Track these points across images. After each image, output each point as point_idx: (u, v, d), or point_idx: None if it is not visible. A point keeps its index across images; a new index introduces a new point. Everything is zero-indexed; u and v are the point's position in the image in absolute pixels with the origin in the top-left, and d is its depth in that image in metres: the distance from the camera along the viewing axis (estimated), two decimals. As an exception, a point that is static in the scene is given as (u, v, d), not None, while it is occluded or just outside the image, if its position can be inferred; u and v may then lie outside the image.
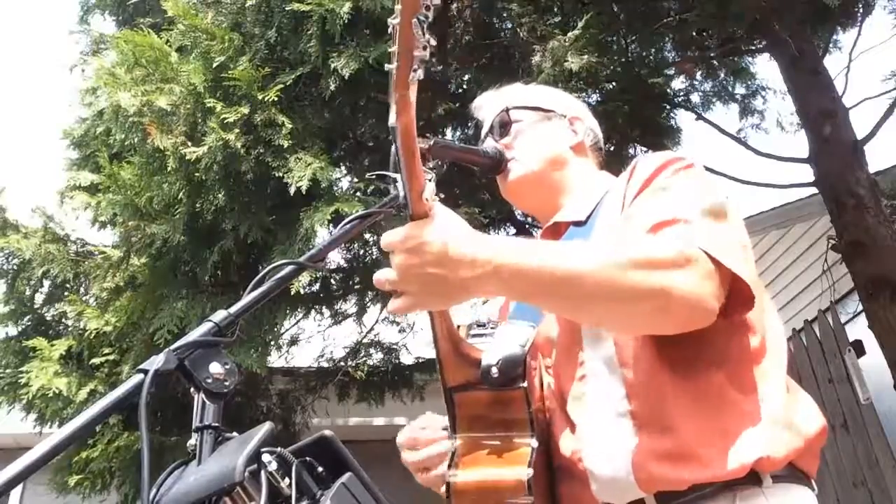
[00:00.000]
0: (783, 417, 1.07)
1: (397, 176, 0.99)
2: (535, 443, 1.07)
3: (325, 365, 5.68)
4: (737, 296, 1.03)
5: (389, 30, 0.79)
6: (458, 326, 1.21)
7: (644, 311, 0.99)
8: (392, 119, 0.86)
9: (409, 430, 1.27)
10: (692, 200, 1.08)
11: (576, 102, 1.54)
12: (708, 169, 5.35)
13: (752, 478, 1.02)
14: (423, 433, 1.24)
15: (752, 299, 1.03)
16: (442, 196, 1.01)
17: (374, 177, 1.11)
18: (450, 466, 1.08)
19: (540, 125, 1.43)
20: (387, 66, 0.81)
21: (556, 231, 1.33)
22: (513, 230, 4.98)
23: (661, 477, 1.03)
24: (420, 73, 0.81)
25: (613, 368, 1.11)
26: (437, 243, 0.92)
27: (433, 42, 0.79)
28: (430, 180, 0.95)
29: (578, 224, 1.29)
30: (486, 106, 1.49)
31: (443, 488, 1.16)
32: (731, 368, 1.08)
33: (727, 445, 1.01)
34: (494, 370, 1.09)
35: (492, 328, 1.19)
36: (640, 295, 0.96)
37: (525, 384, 1.09)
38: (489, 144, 1.42)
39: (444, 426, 1.21)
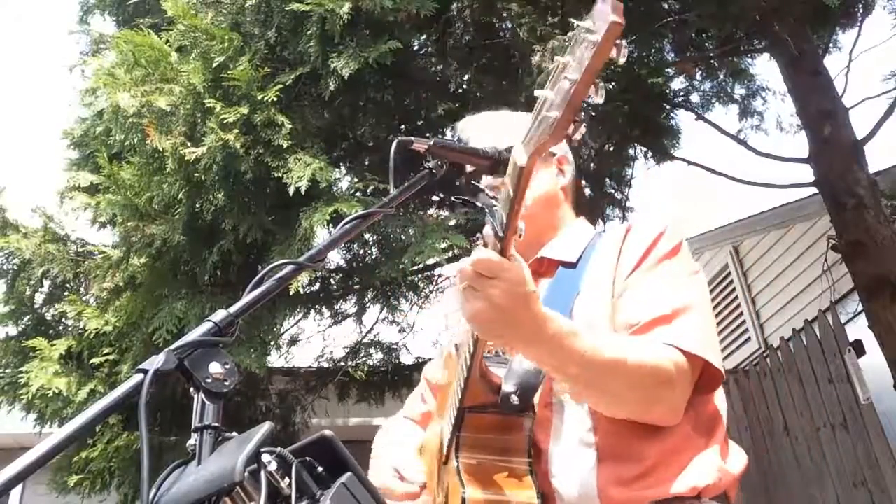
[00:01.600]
0: (721, 458, 1.22)
1: (489, 207, 1.05)
2: (531, 468, 1.15)
3: (325, 365, 5.69)
4: (710, 376, 1.19)
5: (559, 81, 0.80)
6: (458, 347, 1.27)
7: (636, 410, 1.14)
8: (522, 159, 0.89)
9: (382, 470, 1.32)
10: (681, 292, 1.21)
11: (562, 144, 1.56)
12: (708, 169, 5.36)
13: (696, 499, 1.15)
14: (399, 486, 1.28)
15: (721, 379, 1.20)
16: (442, 196, 1.02)
17: (461, 203, 1.16)
18: (460, 483, 1.13)
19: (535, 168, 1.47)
20: (544, 112, 0.83)
21: (542, 265, 1.38)
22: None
23: (623, 498, 1.13)
24: (580, 132, 0.86)
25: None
26: (530, 288, 0.98)
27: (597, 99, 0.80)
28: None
29: (568, 265, 1.34)
30: (489, 130, 1.49)
31: None
32: (693, 416, 1.21)
33: (684, 474, 1.15)
34: (514, 398, 1.16)
35: (490, 355, 1.24)
36: (638, 400, 1.12)
37: (534, 413, 1.18)
38: (489, 146, 1.42)
39: (421, 482, 1.28)
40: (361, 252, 4.78)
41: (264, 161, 3.43)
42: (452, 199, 1.23)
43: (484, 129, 1.47)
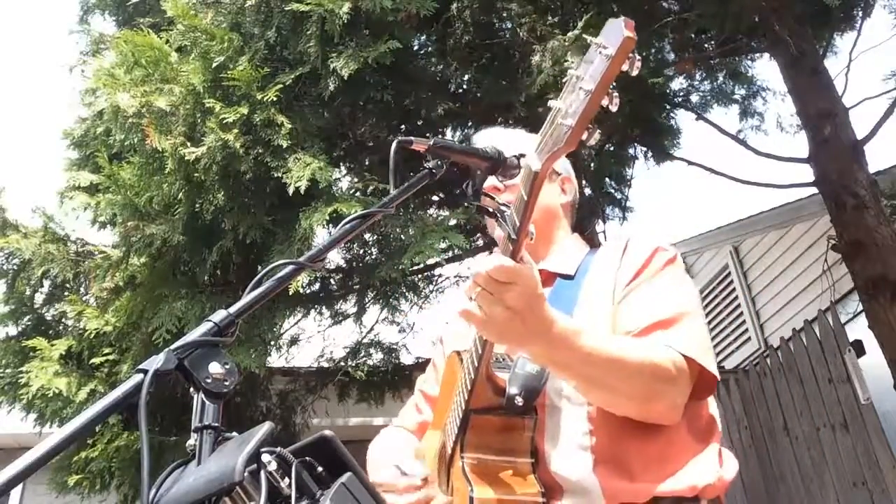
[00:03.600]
0: (717, 462, 1.25)
1: (501, 212, 1.11)
2: (534, 468, 1.19)
3: (325, 365, 5.68)
4: (704, 382, 1.23)
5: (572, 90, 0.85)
6: (459, 353, 1.30)
7: (638, 406, 1.18)
8: (536, 165, 0.95)
9: (384, 468, 1.32)
10: (678, 300, 1.27)
11: (567, 163, 1.61)
12: (708, 169, 5.36)
13: (694, 500, 1.18)
14: (403, 480, 1.28)
15: (716, 385, 1.26)
16: (442, 196, 1.03)
17: (472, 206, 1.20)
18: (467, 483, 1.15)
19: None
20: (560, 120, 0.87)
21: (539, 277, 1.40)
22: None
23: (624, 491, 1.17)
24: (594, 138, 0.90)
25: (579, 403, 1.23)
26: (538, 289, 1.02)
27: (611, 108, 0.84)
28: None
29: (566, 277, 1.39)
30: (498, 140, 1.52)
31: None
32: (689, 420, 1.25)
33: (683, 473, 1.19)
34: (519, 399, 1.19)
35: (498, 360, 1.27)
36: (640, 396, 1.15)
37: (537, 414, 1.22)
38: (489, 147, 1.42)
39: (424, 476, 1.28)
40: (361, 252, 4.78)
41: (264, 161, 3.43)
42: (468, 203, 1.27)
43: (497, 140, 1.50)
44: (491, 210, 1.18)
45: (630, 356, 1.12)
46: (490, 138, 1.49)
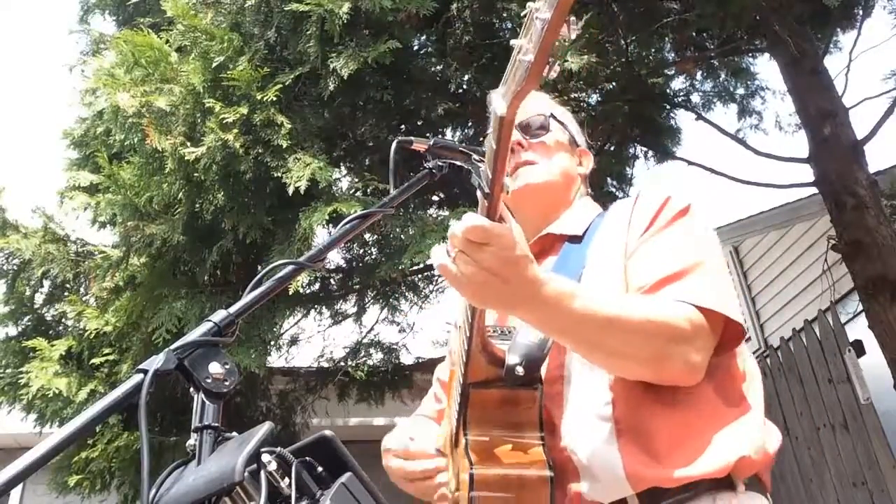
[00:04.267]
0: (760, 430, 1.15)
1: (473, 167, 1.03)
2: (543, 442, 1.10)
3: (325, 365, 5.68)
4: (730, 333, 1.14)
5: (531, 23, 0.77)
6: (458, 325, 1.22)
7: (647, 369, 1.10)
8: (502, 109, 0.85)
9: (399, 437, 1.29)
10: (691, 250, 1.18)
11: (583, 137, 1.58)
12: (708, 169, 5.36)
13: (729, 482, 1.09)
14: (415, 445, 1.25)
15: (743, 335, 1.15)
16: (442, 196, 1.01)
17: (444, 165, 1.12)
18: (467, 460, 1.09)
19: (563, 148, 1.47)
20: (518, 57, 0.81)
21: (547, 242, 1.37)
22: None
23: (650, 476, 1.07)
24: (554, 72, 0.83)
25: (599, 374, 1.16)
26: (522, 251, 0.96)
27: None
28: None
29: (574, 240, 1.33)
30: (533, 98, 1.49)
31: (440, 491, 1.19)
32: (720, 384, 1.16)
33: (712, 447, 1.08)
34: (520, 369, 1.12)
35: (496, 332, 1.21)
36: (648, 358, 1.07)
37: (541, 385, 1.14)
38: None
39: (437, 447, 1.24)
40: (361, 252, 4.78)
41: (264, 161, 3.43)
42: (437, 162, 1.20)
43: (538, 104, 1.48)
44: (466, 167, 1.11)
45: (632, 315, 1.04)
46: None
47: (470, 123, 4.66)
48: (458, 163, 1.25)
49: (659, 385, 1.12)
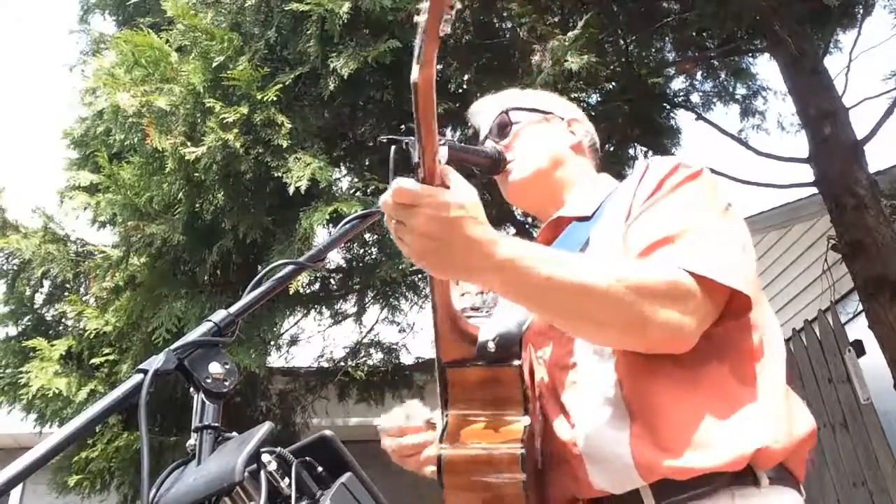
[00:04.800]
0: (782, 413, 1.07)
1: (410, 139, 0.99)
2: (526, 420, 1.06)
3: (325, 365, 5.68)
4: (736, 303, 1.06)
5: None
6: None
7: (626, 335, 1.03)
8: (414, 73, 0.85)
9: (393, 417, 1.29)
10: (694, 213, 1.10)
11: (573, 106, 1.54)
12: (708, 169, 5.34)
13: (750, 476, 1.02)
14: (407, 422, 1.25)
15: (749, 307, 1.07)
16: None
17: (385, 140, 1.10)
18: (441, 441, 1.07)
19: (538, 126, 1.43)
20: (416, 19, 0.81)
21: (559, 225, 1.34)
22: (512, 230, 4.98)
23: (661, 468, 1.02)
24: (448, 28, 0.81)
25: (606, 356, 1.12)
26: (456, 212, 0.91)
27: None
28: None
29: (583, 219, 1.29)
30: (484, 110, 1.49)
31: (430, 468, 1.17)
32: (733, 362, 1.09)
33: (726, 436, 1.01)
34: (491, 344, 1.08)
35: (486, 312, 1.18)
36: (624, 322, 1.00)
37: (519, 363, 1.09)
38: (489, 145, 1.43)
39: (428, 419, 1.23)
40: (361, 252, 4.78)
41: (264, 161, 3.43)
42: (382, 138, 1.18)
43: (483, 116, 1.48)
44: (406, 141, 1.08)
45: (602, 278, 0.97)
46: (485, 107, 1.46)
47: (470, 123, 4.65)
48: (461, 162, 1.26)
49: (664, 363, 1.06)
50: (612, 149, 5.14)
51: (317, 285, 4.67)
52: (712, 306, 1.04)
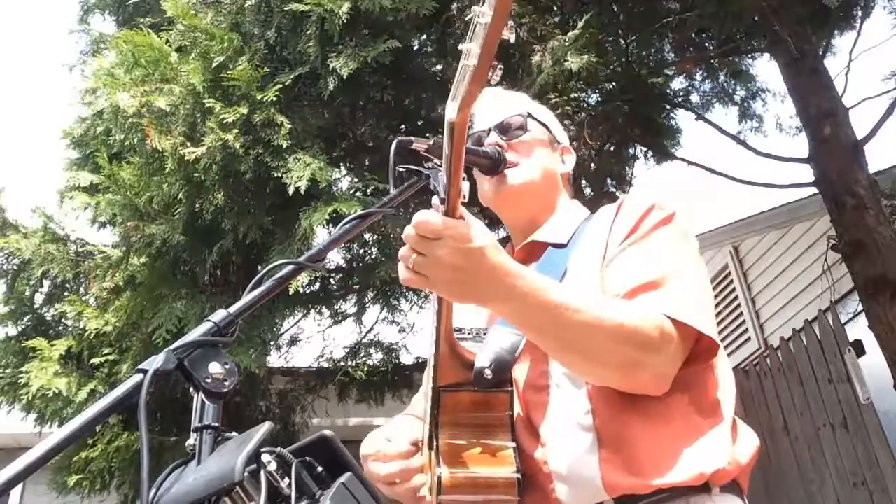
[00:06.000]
0: (735, 438, 1.18)
1: (432, 172, 1.04)
2: (513, 444, 1.12)
3: (325, 365, 5.68)
4: (704, 347, 1.14)
5: (475, 28, 0.78)
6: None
7: (615, 375, 1.10)
8: (452, 114, 0.87)
9: (374, 441, 1.28)
10: (670, 259, 1.17)
11: (565, 135, 1.56)
12: (708, 169, 5.36)
13: (704, 487, 1.11)
14: (390, 447, 1.24)
15: (717, 349, 1.16)
16: (443, 196, 1.00)
17: (405, 171, 1.13)
18: (438, 463, 1.10)
19: (544, 146, 1.45)
20: (463, 62, 0.81)
21: (532, 250, 1.36)
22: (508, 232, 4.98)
23: (626, 485, 1.10)
24: (496, 76, 0.83)
25: (579, 383, 1.17)
26: (480, 242, 0.95)
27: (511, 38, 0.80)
28: (463, 179, 0.97)
29: (558, 246, 1.33)
30: (504, 99, 1.48)
31: (423, 492, 1.18)
32: (696, 395, 1.17)
33: (690, 462, 1.10)
34: (488, 372, 1.13)
35: (470, 335, 1.23)
36: (618, 364, 1.07)
37: (511, 389, 1.15)
38: (489, 145, 1.41)
39: (414, 440, 1.24)
40: (361, 252, 4.79)
41: (264, 161, 3.43)
42: (397, 169, 1.19)
43: (497, 100, 1.47)
44: (424, 173, 1.11)
45: (606, 318, 1.04)
46: (490, 97, 1.45)
47: (470, 123, 4.65)
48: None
49: (635, 395, 1.13)
50: (612, 149, 5.15)
51: (317, 285, 4.67)
52: (685, 349, 1.12)
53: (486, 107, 1.47)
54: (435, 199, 1.01)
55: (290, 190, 3.30)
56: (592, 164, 4.98)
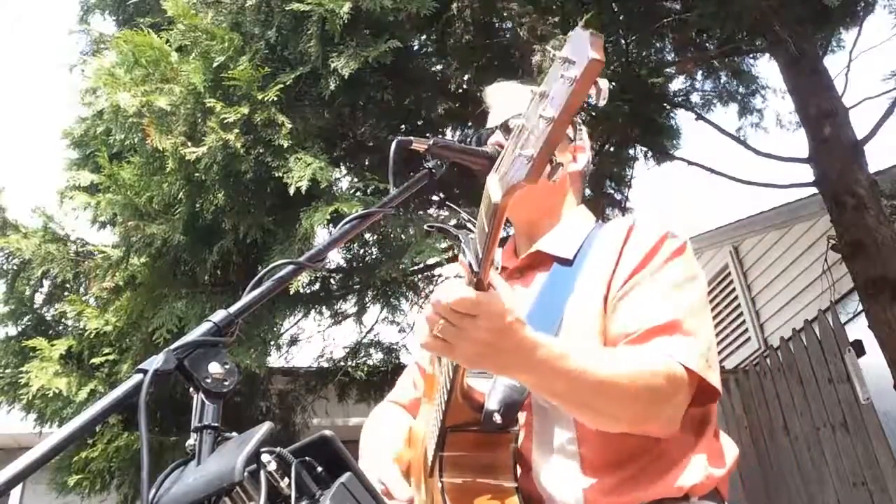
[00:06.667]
0: (717, 450, 1.21)
1: (461, 233, 1.03)
2: (516, 485, 1.13)
3: (325, 365, 5.68)
4: (704, 392, 1.15)
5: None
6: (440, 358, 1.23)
7: (625, 427, 1.11)
8: (497, 196, 0.84)
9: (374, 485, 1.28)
10: (684, 299, 1.18)
11: (583, 131, 1.53)
12: (708, 169, 5.36)
13: (684, 498, 1.14)
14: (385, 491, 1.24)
15: (716, 398, 1.18)
16: (442, 196, 1.01)
17: (434, 229, 1.13)
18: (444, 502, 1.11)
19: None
20: (521, 151, 0.78)
21: (536, 259, 1.35)
22: (513, 230, 4.98)
23: (610, 502, 1.13)
24: (557, 174, 0.81)
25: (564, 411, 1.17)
26: (511, 318, 0.95)
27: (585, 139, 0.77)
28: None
29: (564, 262, 1.31)
30: (515, 97, 1.44)
31: None
32: (684, 420, 1.18)
33: (673, 478, 1.13)
34: (497, 416, 1.13)
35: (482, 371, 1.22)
36: (629, 419, 1.09)
37: (517, 428, 1.16)
38: (490, 145, 1.41)
39: (409, 498, 1.23)
40: (361, 252, 4.78)
41: (264, 161, 3.43)
42: (426, 226, 1.21)
43: (509, 99, 1.45)
44: (454, 234, 1.11)
45: (622, 378, 1.05)
46: (505, 95, 1.44)
47: (470, 123, 4.66)
48: (461, 162, 1.25)
49: None
50: (612, 149, 5.15)
51: (317, 285, 4.67)
52: (691, 393, 1.13)
53: (496, 104, 1.46)
54: (462, 259, 0.99)
55: (291, 190, 3.30)
56: (592, 165, 4.99)
